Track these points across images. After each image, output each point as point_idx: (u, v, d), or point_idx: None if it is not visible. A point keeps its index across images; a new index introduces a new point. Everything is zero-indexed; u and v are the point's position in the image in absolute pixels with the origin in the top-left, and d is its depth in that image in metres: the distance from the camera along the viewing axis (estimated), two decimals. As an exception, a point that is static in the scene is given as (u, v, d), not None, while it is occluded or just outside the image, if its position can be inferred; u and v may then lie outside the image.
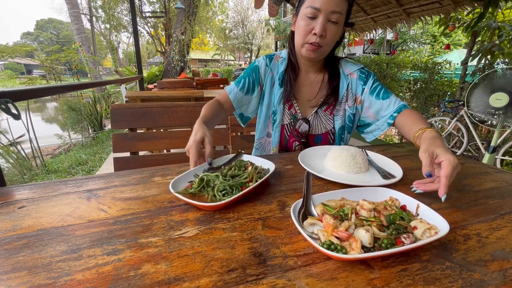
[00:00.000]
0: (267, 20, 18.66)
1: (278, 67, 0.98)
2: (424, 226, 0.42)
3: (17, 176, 2.84)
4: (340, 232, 0.39)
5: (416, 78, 4.44)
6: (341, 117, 0.97)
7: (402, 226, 0.42)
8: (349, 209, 0.45)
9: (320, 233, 0.41)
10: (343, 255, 0.36)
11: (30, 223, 0.47)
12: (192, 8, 9.66)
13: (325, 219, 0.42)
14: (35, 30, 51.03)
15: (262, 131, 1.02)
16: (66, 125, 4.89)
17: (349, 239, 0.38)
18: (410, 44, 13.72)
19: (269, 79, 0.98)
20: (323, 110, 0.98)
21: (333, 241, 0.38)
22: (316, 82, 0.98)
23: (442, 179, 0.51)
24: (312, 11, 0.79)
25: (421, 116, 0.81)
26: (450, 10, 2.96)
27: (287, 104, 0.98)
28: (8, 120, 3.28)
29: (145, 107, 1.06)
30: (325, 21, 0.80)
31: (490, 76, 2.16)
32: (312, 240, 0.39)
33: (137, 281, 0.34)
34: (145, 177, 0.67)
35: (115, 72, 10.77)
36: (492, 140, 2.40)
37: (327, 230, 0.40)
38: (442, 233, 0.40)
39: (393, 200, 0.50)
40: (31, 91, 1.05)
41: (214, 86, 4.62)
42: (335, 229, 0.40)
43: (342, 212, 0.45)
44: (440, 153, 0.56)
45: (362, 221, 0.43)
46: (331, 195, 0.52)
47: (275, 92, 0.97)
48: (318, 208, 0.48)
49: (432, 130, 0.67)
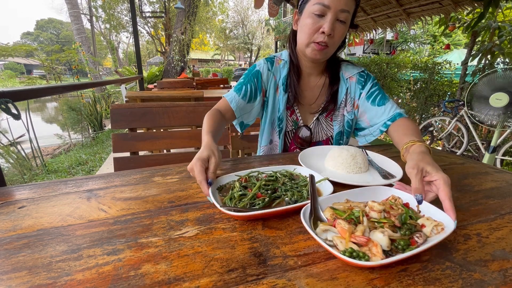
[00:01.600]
0: (267, 20, 18.66)
1: (280, 71, 0.94)
2: (432, 223, 0.42)
3: (17, 176, 2.84)
4: (358, 237, 0.38)
5: (416, 78, 4.44)
6: (339, 122, 0.96)
7: (413, 225, 0.42)
8: (360, 212, 0.44)
9: (336, 240, 0.39)
10: (371, 262, 0.35)
11: (30, 223, 0.46)
12: (192, 8, 9.66)
13: (339, 224, 0.41)
14: (35, 30, 51.02)
15: (266, 138, 0.99)
16: (66, 125, 4.89)
17: (367, 243, 0.37)
18: (410, 44, 13.72)
19: (272, 84, 0.94)
20: (324, 116, 0.96)
21: (352, 247, 0.37)
22: (317, 86, 0.95)
23: (446, 202, 0.46)
24: (321, 8, 0.75)
25: (415, 127, 0.77)
26: (450, 10, 2.95)
27: (288, 111, 0.96)
28: (8, 120, 3.28)
29: (145, 107, 1.06)
30: (334, 20, 0.76)
31: (490, 76, 2.16)
32: (333, 250, 0.37)
33: (137, 281, 0.34)
34: (145, 177, 0.67)
35: (115, 72, 10.77)
36: (492, 140, 2.40)
37: (343, 236, 0.39)
38: (450, 229, 0.40)
39: (395, 198, 0.50)
40: (31, 91, 1.05)
41: (214, 86, 4.62)
42: (352, 234, 0.39)
43: (352, 215, 0.44)
44: (431, 171, 0.51)
45: (373, 223, 0.42)
46: (336, 197, 0.51)
47: (280, 98, 0.93)
48: (326, 212, 0.47)
49: (421, 145, 0.63)
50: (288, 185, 0.57)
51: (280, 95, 0.93)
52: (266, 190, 0.54)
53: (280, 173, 0.63)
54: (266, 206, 0.51)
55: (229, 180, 0.60)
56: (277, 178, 0.59)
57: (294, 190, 0.55)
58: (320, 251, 0.40)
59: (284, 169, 0.65)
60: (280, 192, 0.55)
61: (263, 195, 0.52)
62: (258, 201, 0.51)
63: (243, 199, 0.51)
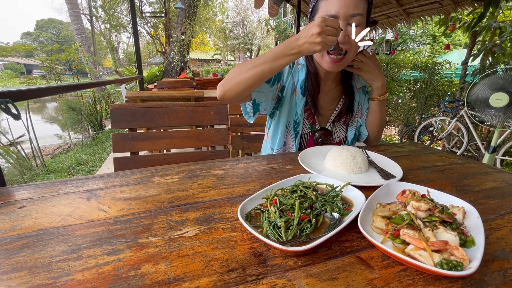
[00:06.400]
0: (267, 20, 18.65)
1: (299, 74, 0.94)
2: (456, 209, 0.44)
3: (17, 176, 2.84)
4: (436, 243, 0.36)
5: (416, 78, 4.44)
6: (354, 128, 1.01)
7: (453, 216, 0.43)
8: (409, 214, 0.42)
9: (414, 253, 0.36)
10: (467, 271, 0.32)
11: (30, 223, 0.46)
12: (192, 8, 9.67)
13: (406, 234, 0.39)
14: (35, 30, 51.03)
15: (280, 141, 0.97)
16: (66, 125, 4.90)
17: (446, 247, 0.36)
18: (410, 44, 13.72)
19: (290, 85, 0.93)
20: (339, 120, 1.00)
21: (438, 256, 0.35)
22: (332, 90, 0.98)
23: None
24: None
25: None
26: (450, 10, 2.95)
27: (305, 113, 0.96)
28: (8, 120, 3.28)
29: (145, 107, 1.06)
30: (345, 26, 0.75)
31: (490, 76, 2.16)
32: (435, 268, 0.33)
33: (137, 281, 0.34)
34: (145, 177, 0.67)
35: (115, 72, 10.77)
36: (492, 140, 2.40)
37: (419, 246, 0.36)
38: (471, 207, 0.44)
39: (413, 192, 0.50)
40: (31, 91, 1.05)
41: (214, 86, 4.62)
42: (428, 241, 0.37)
43: (408, 220, 0.42)
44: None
45: (424, 224, 0.41)
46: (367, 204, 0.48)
47: (298, 102, 0.93)
48: (377, 221, 0.44)
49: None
50: (320, 198, 0.52)
51: (298, 98, 0.93)
52: (304, 209, 0.47)
53: (303, 186, 0.56)
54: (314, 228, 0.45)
55: (252, 206, 0.50)
56: (305, 193, 0.53)
57: (327, 203, 0.50)
58: (320, 251, 0.40)
59: (298, 180, 0.59)
60: (319, 209, 0.49)
61: (304, 215, 0.46)
62: (306, 225, 0.44)
63: (291, 227, 0.43)
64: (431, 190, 0.51)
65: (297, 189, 0.54)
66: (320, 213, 0.48)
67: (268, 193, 0.53)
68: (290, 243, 0.39)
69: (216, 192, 0.59)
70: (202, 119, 1.11)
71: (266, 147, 1.06)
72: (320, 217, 0.47)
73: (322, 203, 0.50)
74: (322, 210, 0.49)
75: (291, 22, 14.43)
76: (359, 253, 0.40)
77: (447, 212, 0.43)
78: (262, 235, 0.40)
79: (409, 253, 0.37)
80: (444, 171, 0.74)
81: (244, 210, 0.48)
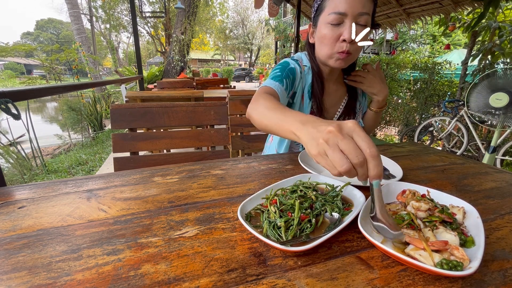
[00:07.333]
0: (267, 20, 18.65)
1: (306, 77, 0.92)
2: (456, 209, 0.44)
3: (17, 176, 2.84)
4: (436, 243, 0.36)
5: (416, 78, 4.44)
6: None
7: (453, 216, 0.42)
8: (409, 214, 0.42)
9: (414, 253, 0.36)
10: (467, 271, 0.32)
11: (30, 223, 0.46)
12: (192, 8, 9.67)
13: (407, 234, 0.39)
14: (35, 30, 51.04)
15: (286, 146, 0.97)
16: (66, 125, 4.89)
17: (446, 247, 0.36)
18: (410, 44, 13.73)
19: (300, 90, 0.91)
20: (341, 120, 1.00)
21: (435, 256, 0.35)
22: (335, 91, 0.97)
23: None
24: (337, 17, 0.74)
25: None
26: (450, 10, 2.95)
27: None
28: (8, 120, 3.28)
29: (145, 107, 1.06)
30: (353, 25, 0.74)
31: (490, 76, 2.16)
32: (435, 268, 0.33)
33: (137, 281, 0.34)
34: (145, 177, 0.67)
35: (115, 72, 10.77)
36: (492, 140, 2.40)
37: (419, 246, 0.36)
38: (471, 207, 0.43)
39: (413, 192, 0.50)
40: (31, 91, 1.05)
41: (214, 86, 4.62)
42: (428, 241, 0.37)
43: (408, 220, 0.42)
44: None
45: (424, 224, 0.41)
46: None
47: (305, 106, 0.92)
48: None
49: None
50: (320, 198, 0.51)
51: (305, 102, 0.92)
52: (304, 209, 0.47)
53: (303, 186, 0.56)
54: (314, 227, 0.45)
55: (252, 206, 0.50)
56: (305, 193, 0.52)
57: (327, 203, 0.50)
58: (320, 251, 0.40)
59: (298, 180, 0.59)
60: (319, 209, 0.48)
61: (304, 215, 0.46)
62: (306, 225, 0.44)
63: (291, 227, 0.43)
64: (431, 190, 0.51)
65: (297, 189, 0.54)
66: (320, 213, 0.48)
67: (268, 193, 0.53)
68: (290, 243, 0.39)
69: (216, 192, 0.59)
70: (202, 119, 1.11)
71: (270, 149, 1.05)
72: (320, 217, 0.47)
73: (322, 203, 0.50)
74: (322, 210, 0.49)
75: (291, 22, 14.42)
76: (359, 253, 0.40)
77: (447, 212, 0.43)
78: (262, 235, 0.40)
79: (409, 253, 0.37)
80: (444, 171, 0.74)
81: (244, 210, 0.48)
